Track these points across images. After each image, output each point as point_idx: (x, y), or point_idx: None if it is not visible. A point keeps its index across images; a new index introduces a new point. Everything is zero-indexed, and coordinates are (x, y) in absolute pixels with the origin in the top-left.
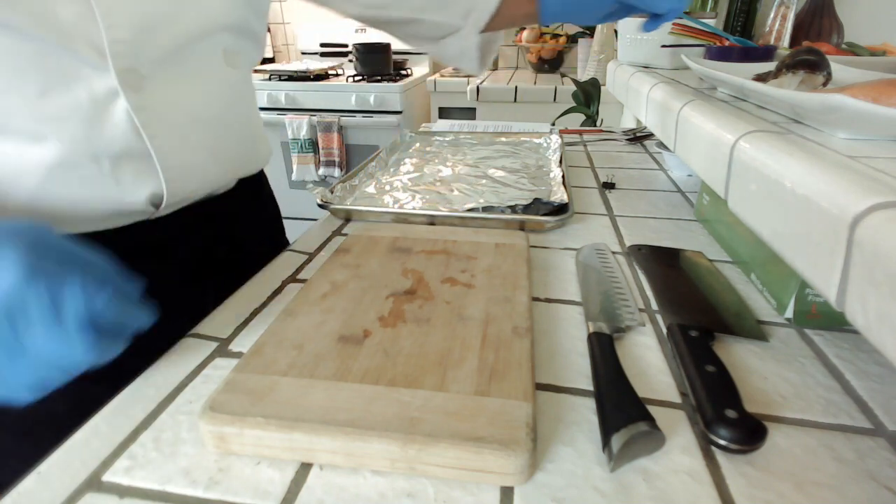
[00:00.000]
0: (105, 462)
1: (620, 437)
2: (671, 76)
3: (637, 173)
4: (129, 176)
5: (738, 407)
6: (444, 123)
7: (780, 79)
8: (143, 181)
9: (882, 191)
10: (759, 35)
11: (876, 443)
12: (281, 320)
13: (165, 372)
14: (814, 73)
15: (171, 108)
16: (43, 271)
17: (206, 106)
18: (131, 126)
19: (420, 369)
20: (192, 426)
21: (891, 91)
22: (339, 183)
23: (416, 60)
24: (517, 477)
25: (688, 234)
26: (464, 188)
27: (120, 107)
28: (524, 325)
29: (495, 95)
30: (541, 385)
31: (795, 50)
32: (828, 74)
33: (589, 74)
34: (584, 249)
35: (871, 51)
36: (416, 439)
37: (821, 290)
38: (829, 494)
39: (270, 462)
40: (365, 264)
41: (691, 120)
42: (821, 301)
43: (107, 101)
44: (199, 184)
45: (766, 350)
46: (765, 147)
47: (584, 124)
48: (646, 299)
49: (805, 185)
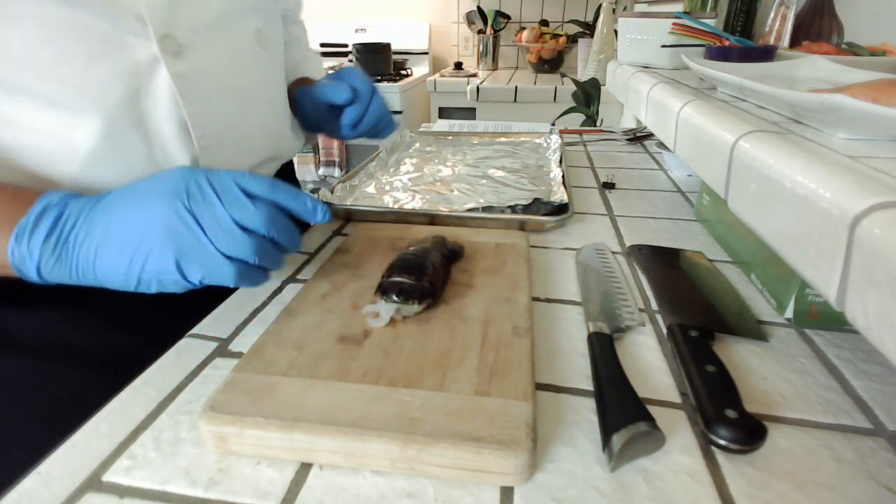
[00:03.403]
0: (105, 462)
1: (620, 437)
2: (671, 76)
3: (637, 173)
4: (171, 143)
5: (738, 407)
6: (444, 123)
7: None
8: (183, 148)
9: (882, 191)
10: (759, 35)
11: (876, 443)
12: (281, 320)
13: (165, 372)
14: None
15: (206, 78)
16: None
17: (238, 80)
18: (170, 93)
19: (420, 369)
20: (192, 426)
21: (891, 91)
22: (339, 183)
23: (416, 61)
24: (517, 477)
25: (688, 234)
26: (464, 188)
27: (162, 74)
28: (524, 325)
29: (495, 95)
30: (541, 385)
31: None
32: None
33: (589, 74)
34: (584, 249)
35: (871, 51)
36: (416, 439)
37: (821, 290)
38: (829, 494)
39: (270, 462)
40: (365, 264)
41: (691, 120)
42: (821, 301)
43: (150, 68)
44: (232, 156)
45: (766, 350)
46: (765, 147)
47: (584, 124)
48: (646, 299)
49: (805, 185)
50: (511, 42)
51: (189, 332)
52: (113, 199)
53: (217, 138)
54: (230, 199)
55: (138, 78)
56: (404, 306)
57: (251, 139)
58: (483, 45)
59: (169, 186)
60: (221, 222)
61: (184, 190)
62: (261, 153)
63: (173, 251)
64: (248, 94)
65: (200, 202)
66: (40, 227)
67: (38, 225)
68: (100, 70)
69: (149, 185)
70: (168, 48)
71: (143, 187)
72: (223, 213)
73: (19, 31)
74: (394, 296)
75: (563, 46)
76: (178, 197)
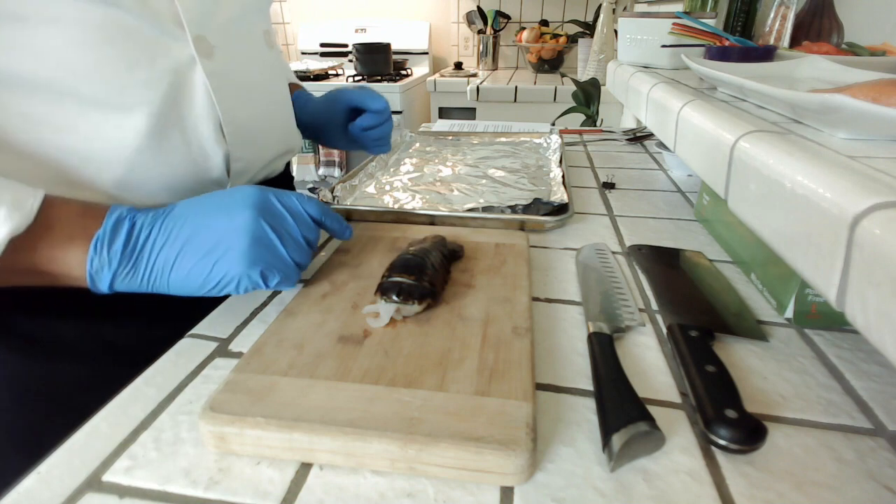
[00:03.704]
0: (105, 462)
1: (620, 437)
2: (671, 76)
3: (637, 173)
4: (208, 140)
5: (738, 407)
6: (444, 123)
7: None
8: (218, 144)
9: (882, 191)
10: (759, 35)
11: (876, 443)
12: (281, 320)
13: (165, 372)
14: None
15: (233, 77)
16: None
17: (255, 78)
18: (206, 92)
19: (420, 369)
20: (192, 426)
21: (891, 91)
22: (339, 183)
23: (416, 61)
24: (517, 477)
25: (688, 234)
26: (464, 188)
27: (198, 74)
28: (524, 325)
29: (495, 95)
30: (541, 385)
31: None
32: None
33: (589, 74)
34: (584, 249)
35: (871, 51)
36: (416, 439)
37: (821, 290)
38: (829, 494)
39: (270, 462)
40: (365, 264)
41: (691, 120)
42: (821, 301)
43: (187, 68)
44: (255, 150)
45: (766, 350)
46: (765, 147)
47: (584, 124)
48: (646, 299)
49: (805, 185)
50: (511, 42)
51: (189, 332)
52: (188, 209)
53: (243, 135)
54: (300, 219)
55: (178, 77)
56: (404, 306)
57: (269, 135)
58: (483, 45)
59: (251, 201)
60: (295, 237)
61: (264, 206)
62: (277, 148)
63: (258, 258)
64: (263, 91)
65: (278, 218)
66: (118, 236)
67: (116, 234)
68: (142, 70)
69: (230, 199)
70: (202, 49)
71: (222, 200)
72: (296, 230)
73: (61, 33)
74: (394, 296)
75: (563, 46)
76: (261, 212)
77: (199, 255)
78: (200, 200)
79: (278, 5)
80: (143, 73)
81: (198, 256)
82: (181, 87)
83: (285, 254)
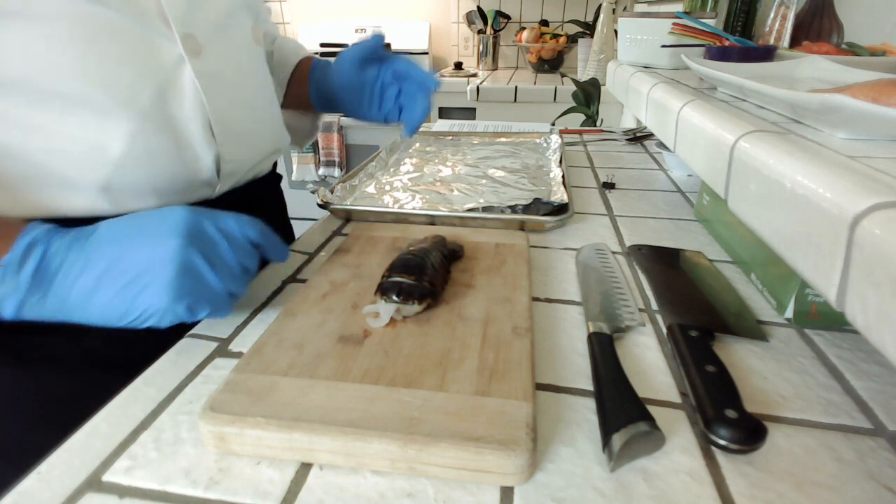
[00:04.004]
0: (105, 462)
1: (620, 437)
2: (671, 76)
3: (637, 173)
4: (198, 141)
5: (738, 407)
6: (444, 123)
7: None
8: (208, 144)
9: (882, 191)
10: (759, 35)
11: (876, 443)
12: (281, 320)
13: (165, 372)
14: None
15: (223, 75)
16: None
17: (244, 76)
18: (195, 92)
19: (420, 369)
20: (192, 426)
21: (891, 91)
22: (339, 183)
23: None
24: (517, 477)
25: (688, 234)
26: (464, 188)
27: (186, 73)
28: (524, 325)
29: (495, 95)
30: (541, 385)
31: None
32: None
33: (589, 74)
34: (584, 249)
35: (871, 51)
36: (416, 439)
37: (821, 290)
38: (829, 494)
39: (270, 462)
40: (365, 264)
41: (691, 120)
42: (821, 301)
43: (175, 67)
44: (245, 150)
45: (766, 350)
46: (765, 147)
47: (584, 124)
48: (646, 299)
49: (805, 185)
50: (511, 42)
51: (189, 332)
52: (111, 233)
53: (234, 135)
54: (237, 244)
55: (166, 77)
56: (404, 306)
57: (259, 134)
58: (483, 45)
59: (181, 226)
60: (229, 264)
61: (195, 232)
62: (267, 147)
63: (185, 291)
64: (253, 88)
65: (211, 245)
66: (28, 261)
67: (26, 260)
68: (128, 69)
69: (156, 223)
70: (190, 48)
71: (149, 225)
72: (231, 256)
73: (44, 31)
74: (394, 296)
75: (562, 46)
76: (191, 238)
77: (120, 285)
78: (126, 223)
79: (278, 5)
80: (130, 72)
81: (117, 286)
82: (169, 87)
83: (217, 284)
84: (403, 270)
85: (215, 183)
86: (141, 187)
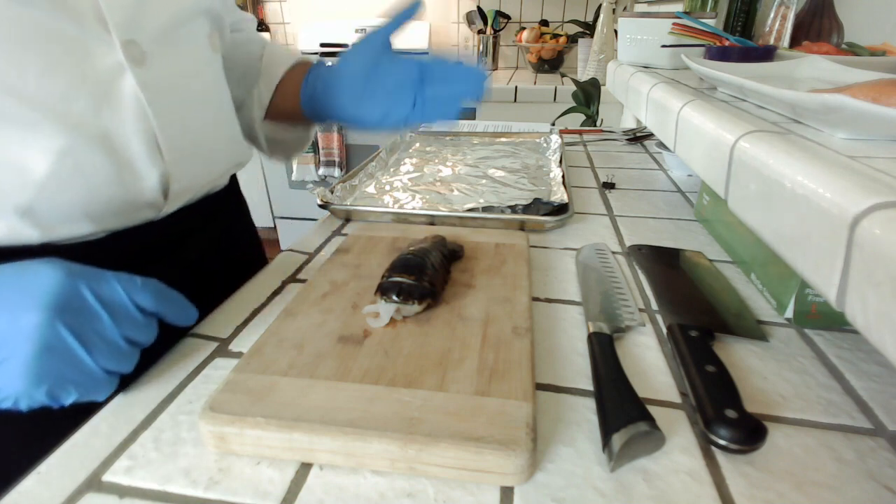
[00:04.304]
0: (105, 462)
1: (620, 437)
2: (671, 76)
3: (637, 173)
4: (140, 159)
5: (738, 407)
6: (444, 123)
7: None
8: (153, 163)
9: (882, 191)
10: (759, 35)
11: (876, 443)
12: (281, 320)
13: (165, 372)
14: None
15: (172, 86)
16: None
17: (201, 87)
18: (138, 104)
19: (420, 369)
20: (192, 426)
21: (891, 91)
22: (339, 183)
23: None
24: (517, 477)
25: (688, 234)
26: (464, 188)
27: (127, 83)
28: (524, 325)
29: (495, 95)
30: (541, 385)
31: None
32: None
33: (589, 74)
34: (584, 249)
35: (871, 51)
36: (416, 439)
37: (821, 290)
38: (829, 494)
39: (270, 462)
40: (365, 264)
41: (691, 120)
42: (821, 301)
43: (114, 77)
44: (199, 168)
45: (766, 350)
46: (765, 147)
47: (584, 124)
48: (646, 299)
49: (805, 185)
50: (511, 42)
51: (189, 332)
52: None
53: (186, 151)
54: (122, 315)
55: (102, 88)
56: (404, 306)
57: (216, 149)
58: (483, 45)
59: (47, 297)
60: (109, 339)
61: (64, 303)
62: (224, 163)
63: (46, 372)
64: (208, 100)
65: (87, 317)
66: None
67: None
68: (57, 79)
69: (20, 289)
70: (132, 55)
71: (11, 290)
72: (112, 330)
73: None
74: (394, 296)
75: (562, 46)
76: (59, 311)
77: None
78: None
79: (278, 5)
80: (59, 82)
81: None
82: (106, 99)
83: (90, 363)
84: (403, 270)
85: (161, 205)
86: (72, 211)
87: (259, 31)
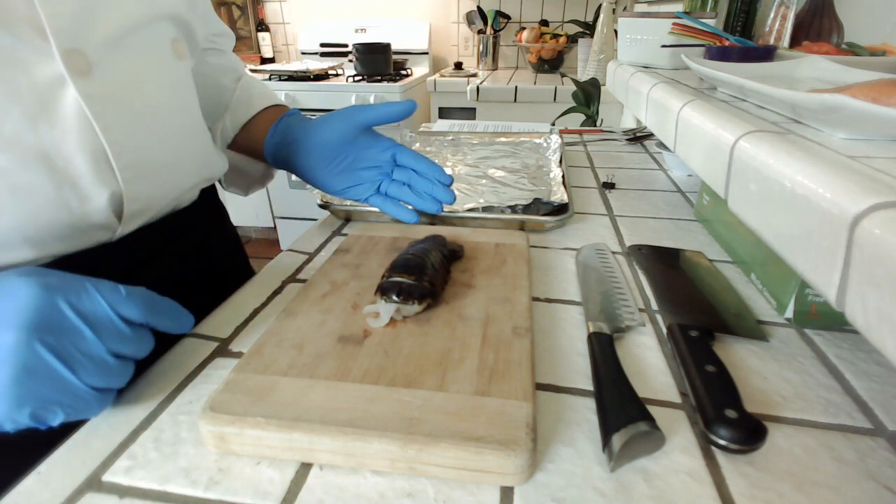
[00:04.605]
0: (105, 462)
1: (620, 437)
2: (671, 76)
3: (637, 173)
4: (85, 178)
5: (738, 407)
6: (444, 123)
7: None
8: (101, 182)
9: (882, 191)
10: (759, 35)
11: (876, 443)
12: (281, 320)
13: (165, 372)
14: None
15: (124, 98)
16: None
17: (160, 97)
18: (82, 118)
19: (420, 369)
20: (192, 426)
21: (891, 91)
22: None
23: (416, 61)
24: (517, 477)
25: (688, 234)
26: (464, 188)
27: (69, 96)
28: (524, 325)
29: (495, 95)
30: (541, 385)
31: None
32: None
33: (589, 74)
34: (584, 249)
35: (871, 51)
36: (416, 439)
37: (821, 290)
38: (829, 494)
39: (270, 462)
40: (365, 264)
41: (691, 120)
42: (821, 301)
43: (53, 89)
44: (160, 187)
45: (766, 350)
46: (765, 147)
47: (584, 124)
48: (646, 299)
49: (805, 185)
50: (511, 42)
51: (189, 332)
52: None
53: (143, 168)
54: (106, 330)
55: (37, 101)
56: (404, 306)
57: (179, 163)
58: (483, 45)
59: (23, 316)
60: (94, 356)
61: (41, 320)
62: (191, 177)
63: (27, 395)
64: (170, 112)
65: (68, 334)
66: None
67: None
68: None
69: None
70: (74, 66)
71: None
72: (97, 346)
73: None
74: (394, 296)
75: (562, 46)
76: (38, 329)
77: None
78: None
79: (278, 5)
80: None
81: None
82: (43, 114)
83: (76, 382)
84: (403, 270)
85: (115, 226)
86: (8, 236)
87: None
